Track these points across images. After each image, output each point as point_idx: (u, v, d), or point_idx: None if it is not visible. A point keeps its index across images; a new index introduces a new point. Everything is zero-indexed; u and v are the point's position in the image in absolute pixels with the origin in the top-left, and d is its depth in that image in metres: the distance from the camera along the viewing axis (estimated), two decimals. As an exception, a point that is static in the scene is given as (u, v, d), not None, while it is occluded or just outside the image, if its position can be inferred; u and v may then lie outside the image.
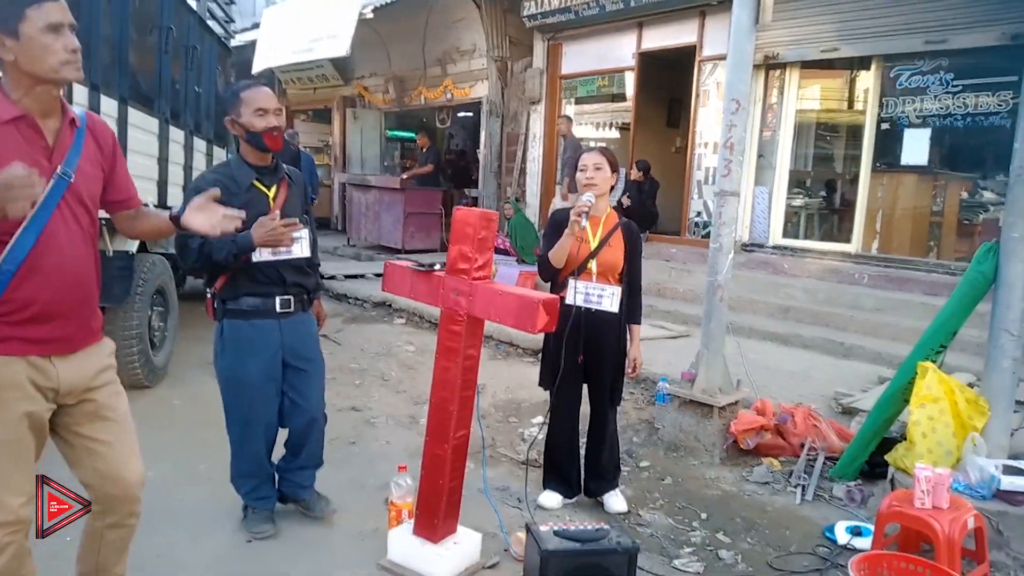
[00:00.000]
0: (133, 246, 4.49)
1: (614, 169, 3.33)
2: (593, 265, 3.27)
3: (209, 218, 2.12)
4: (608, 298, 3.25)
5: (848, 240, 7.54)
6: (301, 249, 2.93)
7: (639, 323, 3.43)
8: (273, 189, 2.92)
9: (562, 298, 3.24)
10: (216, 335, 2.96)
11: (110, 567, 2.26)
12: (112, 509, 2.15)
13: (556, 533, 2.34)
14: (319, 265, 3.23)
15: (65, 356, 1.99)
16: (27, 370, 1.91)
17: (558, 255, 3.22)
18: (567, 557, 2.26)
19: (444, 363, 2.67)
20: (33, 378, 1.92)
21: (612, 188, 3.37)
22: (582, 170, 3.29)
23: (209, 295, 2.96)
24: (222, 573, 2.76)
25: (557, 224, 3.32)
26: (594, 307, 3.25)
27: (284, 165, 3.05)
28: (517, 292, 2.53)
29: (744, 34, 3.86)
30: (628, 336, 3.41)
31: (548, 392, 3.42)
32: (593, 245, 3.27)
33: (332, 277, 9.22)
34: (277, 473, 3.20)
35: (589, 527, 2.38)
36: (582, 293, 3.24)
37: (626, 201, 9.05)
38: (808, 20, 7.37)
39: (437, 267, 2.70)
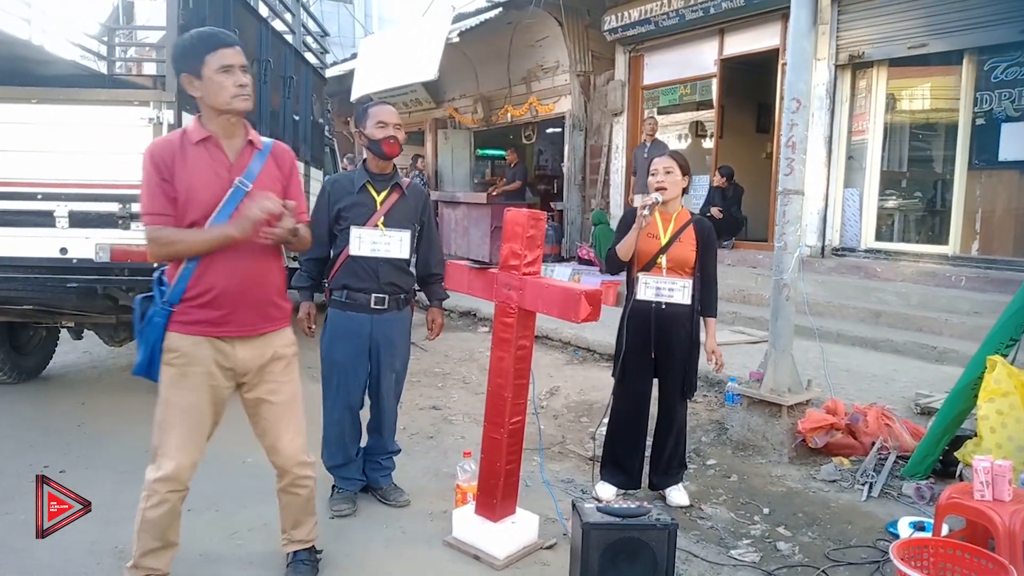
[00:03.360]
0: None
1: (685, 172, 3.42)
2: (663, 260, 3.36)
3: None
4: (680, 291, 3.32)
5: (945, 242, 7.23)
6: (400, 250, 3.24)
7: (715, 316, 3.47)
8: (383, 194, 3.26)
9: (634, 294, 3.39)
10: (325, 320, 3.34)
11: (300, 524, 2.70)
12: (281, 475, 2.62)
13: (599, 509, 2.48)
14: (440, 276, 3.47)
15: (244, 340, 2.42)
16: (212, 351, 2.37)
17: (624, 247, 3.35)
18: (608, 531, 2.40)
19: (499, 353, 2.88)
20: (216, 358, 2.38)
21: (685, 191, 3.49)
22: (653, 174, 3.40)
23: (326, 285, 3.36)
24: (306, 544, 3.06)
25: (626, 220, 3.47)
26: (665, 301, 3.32)
27: (405, 179, 3.39)
28: (562, 285, 2.73)
29: (803, 33, 3.90)
30: (704, 330, 3.46)
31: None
32: (664, 241, 3.38)
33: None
34: (364, 455, 3.50)
35: (632, 504, 2.51)
36: (653, 288, 3.34)
37: (716, 213, 8.94)
38: (893, 17, 7.17)
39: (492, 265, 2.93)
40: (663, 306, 3.35)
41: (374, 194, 3.25)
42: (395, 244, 3.21)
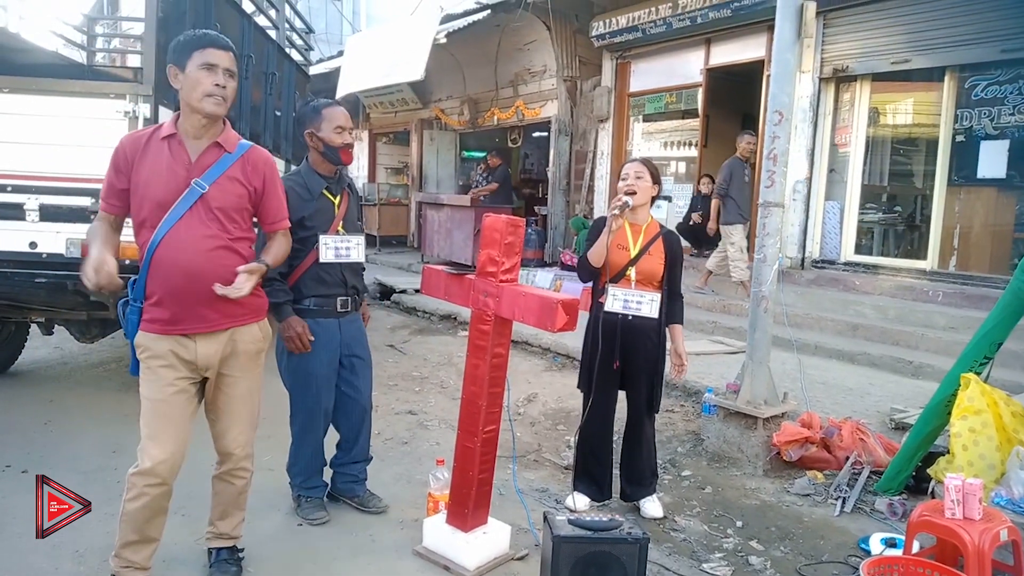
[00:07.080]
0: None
1: (655, 181, 3.42)
2: (632, 273, 3.35)
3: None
4: (648, 304, 3.31)
5: (923, 257, 7.29)
6: (358, 254, 3.22)
7: (680, 323, 3.47)
8: (338, 198, 3.22)
9: (601, 304, 3.37)
10: (279, 335, 3.15)
11: (227, 515, 2.71)
12: (222, 463, 2.63)
13: (570, 522, 2.45)
14: (364, 268, 3.49)
15: (206, 335, 2.42)
16: (171, 345, 2.38)
17: (595, 253, 3.33)
18: (578, 544, 2.37)
19: (474, 361, 2.84)
20: (176, 351, 2.39)
21: (654, 200, 3.47)
22: (623, 178, 3.38)
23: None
24: (273, 551, 2.99)
25: (596, 227, 3.44)
26: (633, 313, 3.32)
27: (345, 176, 3.33)
28: (539, 293, 2.68)
29: (787, 46, 3.90)
30: (669, 337, 3.46)
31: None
32: (633, 253, 3.37)
33: (404, 291, 9.59)
34: (332, 468, 3.44)
35: (603, 518, 2.48)
36: (621, 300, 3.32)
37: (697, 218, 9.00)
38: (878, 32, 7.23)
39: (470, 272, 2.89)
40: (630, 318, 3.33)
41: (332, 199, 3.19)
42: (354, 249, 3.19)
